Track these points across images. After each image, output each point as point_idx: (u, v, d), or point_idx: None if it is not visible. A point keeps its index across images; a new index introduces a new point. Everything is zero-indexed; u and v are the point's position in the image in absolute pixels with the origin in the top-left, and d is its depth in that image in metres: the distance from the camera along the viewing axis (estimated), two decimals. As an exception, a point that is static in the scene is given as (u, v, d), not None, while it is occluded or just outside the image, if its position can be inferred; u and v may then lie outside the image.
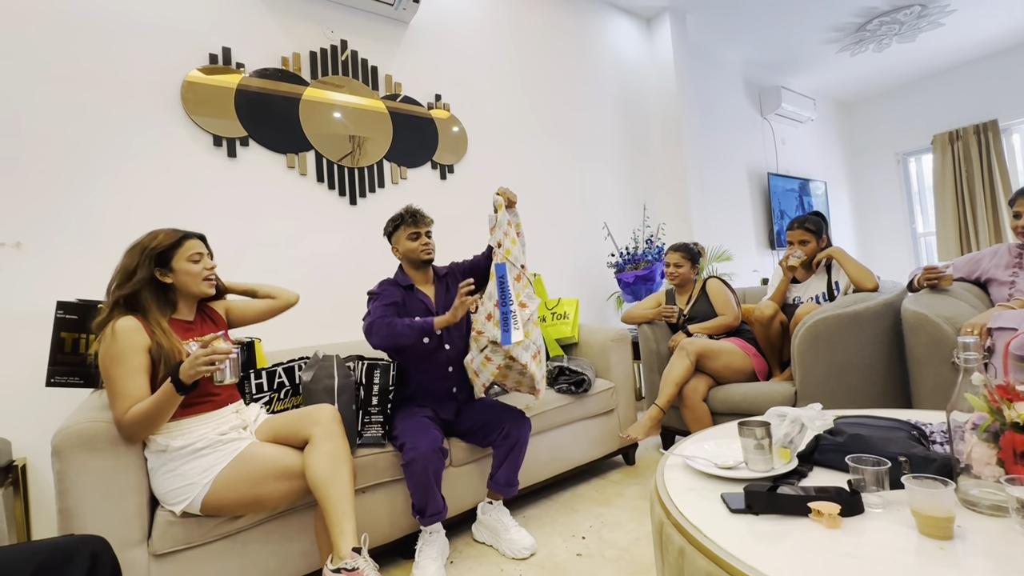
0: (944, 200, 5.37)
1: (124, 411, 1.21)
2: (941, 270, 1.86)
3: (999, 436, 0.80)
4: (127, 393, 1.22)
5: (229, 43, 2.16)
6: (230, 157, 2.13)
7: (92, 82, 1.88)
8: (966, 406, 0.85)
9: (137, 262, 1.31)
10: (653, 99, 4.00)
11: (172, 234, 1.37)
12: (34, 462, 1.67)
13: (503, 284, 1.59)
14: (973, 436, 0.82)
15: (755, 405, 1.98)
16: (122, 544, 1.17)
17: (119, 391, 1.22)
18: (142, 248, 1.33)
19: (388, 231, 1.85)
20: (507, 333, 1.54)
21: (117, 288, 1.31)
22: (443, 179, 2.75)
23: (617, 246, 3.38)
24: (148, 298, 1.31)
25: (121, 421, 1.21)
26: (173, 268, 1.35)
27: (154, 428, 1.24)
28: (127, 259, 1.33)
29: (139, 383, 1.24)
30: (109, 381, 1.23)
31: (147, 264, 1.31)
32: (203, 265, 1.39)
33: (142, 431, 1.23)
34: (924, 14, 4.22)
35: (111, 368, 1.23)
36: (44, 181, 1.77)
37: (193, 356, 1.21)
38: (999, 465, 0.81)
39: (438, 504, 1.55)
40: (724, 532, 0.82)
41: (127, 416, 1.20)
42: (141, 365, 1.25)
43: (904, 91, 5.85)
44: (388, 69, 2.60)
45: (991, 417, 0.81)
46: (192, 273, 1.37)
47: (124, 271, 1.32)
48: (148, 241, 1.34)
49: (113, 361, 1.23)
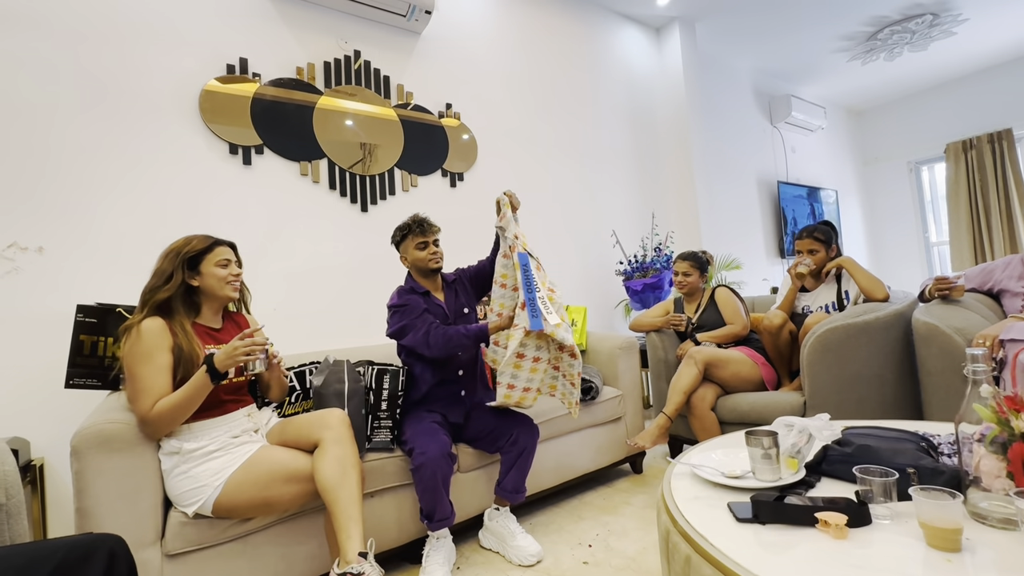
0: (957, 209, 5.31)
1: (150, 406, 1.24)
2: (953, 281, 1.84)
3: (1007, 448, 0.80)
4: (152, 389, 1.25)
5: (246, 53, 2.21)
6: (245, 165, 2.18)
7: (115, 91, 1.93)
8: (974, 418, 0.85)
9: (173, 266, 1.36)
10: (662, 107, 4.01)
11: (205, 240, 1.42)
12: (51, 462, 1.70)
13: (527, 272, 1.61)
14: (981, 448, 0.82)
15: (763, 415, 1.97)
16: (136, 544, 1.20)
17: (144, 387, 1.25)
18: (177, 252, 1.38)
19: (396, 240, 1.87)
20: (536, 318, 1.54)
21: (152, 291, 1.34)
22: (453, 187, 2.78)
23: (625, 254, 3.39)
24: (176, 300, 1.36)
25: (148, 416, 1.24)
26: (201, 271, 1.39)
27: (180, 420, 1.27)
28: (164, 263, 1.37)
29: (164, 380, 1.27)
30: (133, 379, 1.26)
31: (181, 268, 1.36)
32: (229, 271, 1.43)
33: (169, 423, 1.26)
34: (936, 23, 4.20)
35: (136, 365, 1.26)
36: (66, 188, 1.83)
37: (231, 346, 1.26)
38: (1009, 478, 0.80)
39: (446, 509, 1.56)
40: (731, 541, 0.83)
41: (154, 410, 1.24)
42: (166, 363, 1.28)
43: (916, 99, 5.82)
44: (400, 79, 2.65)
45: (998, 428, 0.80)
46: (218, 277, 1.40)
47: (161, 274, 1.36)
48: (183, 245, 1.39)
49: (138, 359, 1.26)
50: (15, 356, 1.70)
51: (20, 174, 1.75)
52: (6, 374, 1.68)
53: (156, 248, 1.91)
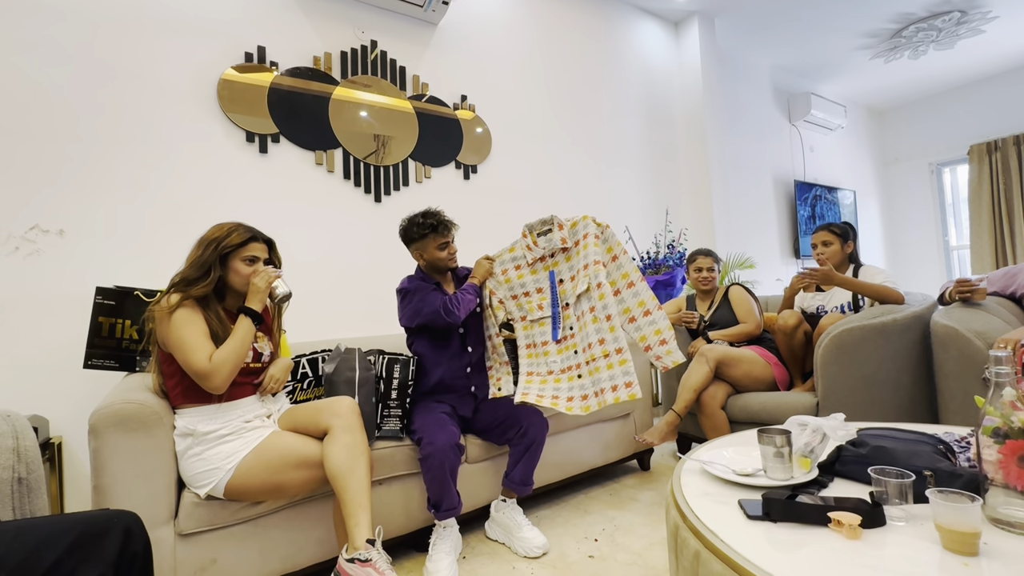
0: (980, 213, 5.19)
1: (207, 357, 1.28)
2: (975, 283, 1.80)
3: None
4: (203, 346, 1.29)
5: (264, 42, 2.23)
6: (261, 153, 2.19)
7: (136, 79, 1.96)
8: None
9: (212, 258, 1.37)
10: (679, 103, 3.97)
11: (244, 234, 1.42)
12: (69, 440, 1.74)
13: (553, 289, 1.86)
14: (986, 438, 0.82)
15: (774, 414, 1.95)
16: (151, 522, 1.21)
17: (194, 345, 1.28)
18: (217, 242, 1.38)
19: (413, 237, 1.81)
20: (556, 330, 1.79)
21: (189, 283, 1.34)
22: (466, 179, 2.78)
23: (638, 250, 3.37)
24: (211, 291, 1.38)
25: (208, 368, 1.27)
26: (228, 265, 1.41)
27: (239, 366, 1.33)
28: (203, 253, 1.37)
29: (207, 340, 1.31)
30: (181, 344, 1.27)
31: (217, 261, 1.37)
32: (254, 269, 1.43)
33: (231, 370, 1.31)
34: (964, 20, 4.09)
35: (179, 332, 1.28)
36: (87, 172, 1.86)
37: (252, 284, 1.37)
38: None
39: (453, 499, 1.57)
40: (741, 538, 0.82)
41: (213, 360, 1.28)
42: (202, 329, 1.32)
43: (940, 99, 5.68)
44: (416, 69, 2.65)
45: (1001, 420, 0.80)
46: (240, 273, 1.41)
47: (201, 266, 1.36)
48: (223, 236, 1.39)
49: (178, 326, 1.28)
50: (36, 336, 1.73)
51: (43, 158, 1.79)
52: (27, 353, 1.72)
53: (174, 233, 1.97)
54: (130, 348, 1.61)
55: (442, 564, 1.48)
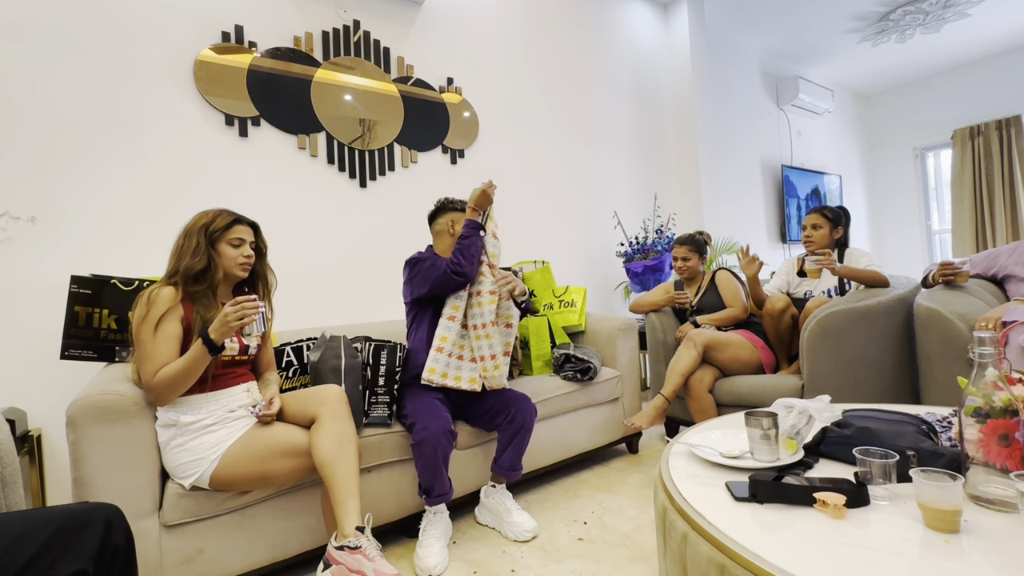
0: (962, 197, 5.27)
1: (153, 373, 1.24)
2: (958, 266, 1.83)
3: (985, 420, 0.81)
4: (158, 356, 1.25)
5: (241, 20, 2.15)
6: (242, 136, 2.13)
7: (109, 59, 1.88)
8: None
9: (202, 242, 1.35)
10: (667, 87, 3.94)
11: (228, 216, 1.41)
12: (48, 432, 1.70)
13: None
14: (967, 418, 0.83)
15: (761, 397, 1.97)
16: (134, 514, 1.20)
17: (150, 354, 1.25)
18: (204, 227, 1.37)
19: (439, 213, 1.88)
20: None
21: (186, 269, 1.32)
22: (453, 163, 2.74)
23: (627, 235, 3.36)
24: (201, 272, 1.35)
25: (150, 383, 1.24)
26: (216, 249, 1.38)
27: (181, 389, 1.27)
28: (191, 241, 1.35)
29: (170, 348, 1.27)
30: (140, 345, 1.26)
31: (207, 244, 1.35)
32: (241, 251, 1.42)
33: (170, 392, 1.26)
34: (950, 3, 4.10)
35: (144, 332, 1.26)
36: (59, 157, 1.79)
37: (223, 314, 1.25)
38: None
39: (444, 485, 1.56)
40: (728, 519, 0.83)
41: (156, 378, 1.24)
42: (174, 333, 1.29)
43: (925, 84, 5.72)
44: (400, 51, 2.58)
45: (983, 400, 0.81)
46: (228, 256, 1.39)
47: (195, 252, 1.34)
48: (209, 221, 1.38)
49: (147, 326, 1.26)
50: (10, 327, 1.68)
51: (11, 143, 1.71)
52: (2, 344, 1.67)
53: (151, 219, 1.91)
54: (108, 338, 1.57)
55: (433, 549, 1.49)
